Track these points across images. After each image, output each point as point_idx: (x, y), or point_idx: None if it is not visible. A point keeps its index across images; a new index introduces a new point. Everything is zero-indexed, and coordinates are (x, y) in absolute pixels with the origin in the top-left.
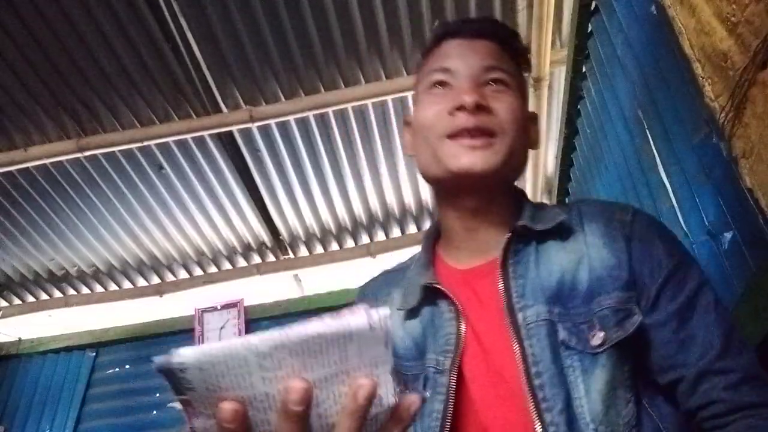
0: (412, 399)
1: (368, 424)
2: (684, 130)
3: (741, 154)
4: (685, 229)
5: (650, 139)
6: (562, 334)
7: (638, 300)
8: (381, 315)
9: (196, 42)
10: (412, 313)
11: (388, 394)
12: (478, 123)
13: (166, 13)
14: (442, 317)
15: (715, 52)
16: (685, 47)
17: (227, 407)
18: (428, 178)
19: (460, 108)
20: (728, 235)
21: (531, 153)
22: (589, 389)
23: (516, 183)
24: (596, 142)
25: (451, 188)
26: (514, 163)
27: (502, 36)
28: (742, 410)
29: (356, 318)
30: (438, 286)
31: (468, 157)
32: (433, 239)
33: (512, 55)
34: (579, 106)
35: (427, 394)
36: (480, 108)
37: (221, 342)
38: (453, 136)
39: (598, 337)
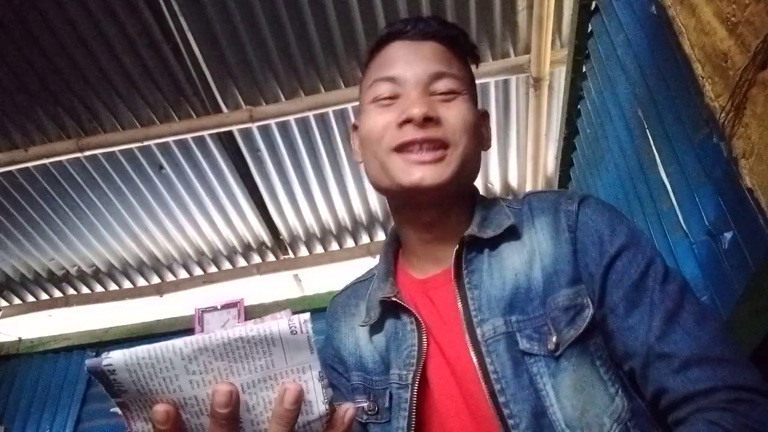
0: (347, 407)
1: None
2: (684, 130)
3: (741, 154)
4: (685, 229)
5: (650, 139)
6: (523, 343)
7: (588, 292)
8: (302, 319)
9: (196, 42)
10: (376, 327)
11: (318, 402)
12: (427, 135)
13: (166, 13)
14: (405, 329)
15: (715, 52)
16: (685, 47)
17: (159, 409)
18: (379, 190)
19: (408, 121)
20: (728, 235)
21: (531, 152)
22: (559, 394)
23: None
24: (596, 142)
25: (403, 202)
26: (467, 171)
27: (449, 36)
28: (694, 399)
29: (277, 323)
30: (395, 299)
31: (418, 172)
32: (394, 248)
33: (461, 54)
34: (579, 106)
35: (364, 404)
36: (429, 120)
37: (149, 345)
38: (401, 149)
39: (551, 342)
